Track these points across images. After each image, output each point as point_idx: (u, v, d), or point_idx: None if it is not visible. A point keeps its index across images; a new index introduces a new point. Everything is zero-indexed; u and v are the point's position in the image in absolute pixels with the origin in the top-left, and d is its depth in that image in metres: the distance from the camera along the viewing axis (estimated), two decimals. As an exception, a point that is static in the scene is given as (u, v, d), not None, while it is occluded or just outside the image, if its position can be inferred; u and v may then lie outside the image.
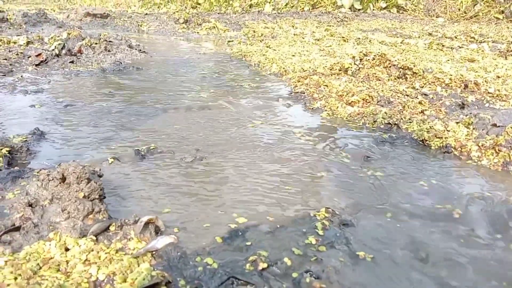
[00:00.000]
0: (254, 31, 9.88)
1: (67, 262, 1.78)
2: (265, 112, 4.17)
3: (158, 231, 2.07)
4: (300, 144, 3.38)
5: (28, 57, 6.21)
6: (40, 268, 1.73)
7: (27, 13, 10.09)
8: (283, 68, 5.98)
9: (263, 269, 1.86)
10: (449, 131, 3.51)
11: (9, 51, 6.53)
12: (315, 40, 8.49)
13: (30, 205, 2.14)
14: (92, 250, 1.84)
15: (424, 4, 14.65)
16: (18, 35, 8.00)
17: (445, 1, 13.99)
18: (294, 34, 9.34)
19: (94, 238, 1.95)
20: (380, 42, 8.32)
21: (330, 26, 11.08)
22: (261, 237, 2.11)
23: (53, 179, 2.23)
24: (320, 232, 2.16)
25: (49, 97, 4.48)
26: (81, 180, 2.18)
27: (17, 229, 2.00)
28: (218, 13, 14.08)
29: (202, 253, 1.95)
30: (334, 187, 2.70)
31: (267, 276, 1.83)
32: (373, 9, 15.32)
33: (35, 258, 1.78)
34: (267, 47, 7.77)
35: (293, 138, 3.50)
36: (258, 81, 5.50)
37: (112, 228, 2.02)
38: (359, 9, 15.26)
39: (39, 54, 6.21)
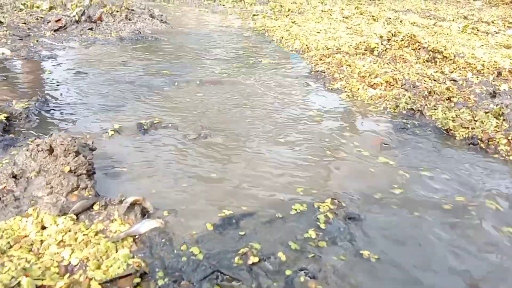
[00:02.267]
0: (281, 6, 9.55)
1: (41, 242, 1.65)
2: (280, 91, 3.95)
3: (145, 213, 1.92)
4: (313, 127, 3.16)
5: (48, 22, 6.10)
6: (11, 247, 1.60)
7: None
8: (306, 45, 5.70)
9: (253, 263, 1.68)
10: (476, 121, 3.23)
11: (30, 15, 6.43)
12: (344, 17, 8.13)
13: (14, 177, 2.01)
14: (70, 231, 1.70)
15: (463, -14, 13.92)
16: (42, 0, 7.90)
17: (486, -17, 13.26)
18: (322, 11, 8.98)
19: (75, 217, 1.80)
20: (411, 23, 7.90)
21: (361, 4, 10.63)
22: (257, 227, 1.93)
23: (42, 150, 2.09)
24: (322, 226, 1.97)
25: (61, 64, 4.35)
26: (69, 153, 2.03)
27: (-4, 202, 1.87)
28: (247, -14, 13.69)
29: (189, 241, 1.78)
30: (344, 176, 2.49)
31: (257, 272, 1.65)
32: (408, -11, 14.63)
33: (8, 235, 1.65)
34: (292, 22, 7.47)
35: (307, 120, 3.28)
36: (278, 58, 5.25)
37: (96, 207, 1.87)
38: (393, -12, 14.60)
39: (59, 20, 6.08)
